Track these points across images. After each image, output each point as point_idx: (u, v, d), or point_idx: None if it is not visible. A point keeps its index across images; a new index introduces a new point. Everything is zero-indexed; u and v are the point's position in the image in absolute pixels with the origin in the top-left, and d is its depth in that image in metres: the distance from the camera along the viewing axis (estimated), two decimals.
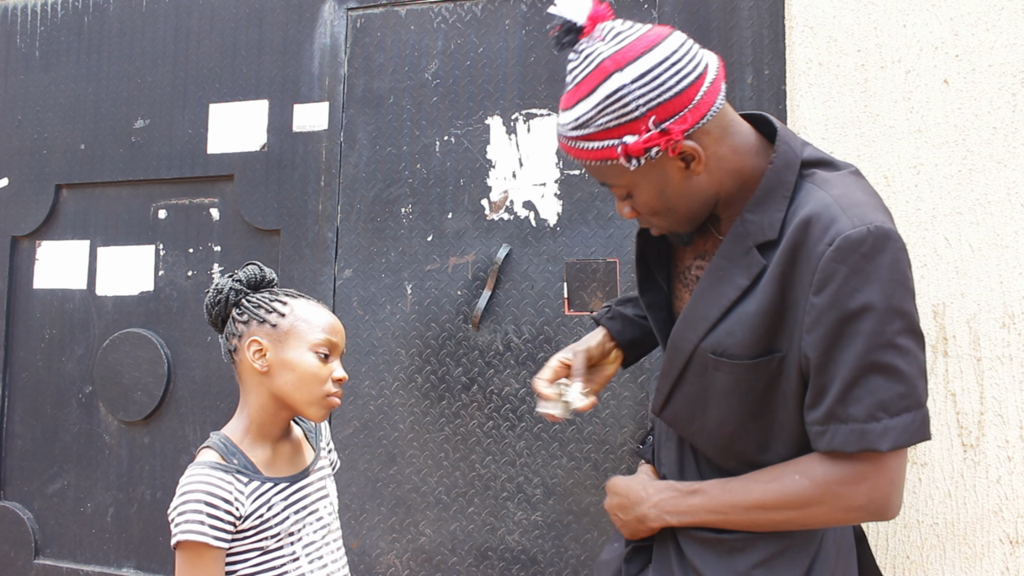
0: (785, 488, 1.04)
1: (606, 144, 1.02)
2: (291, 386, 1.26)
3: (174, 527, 1.21)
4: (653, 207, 1.09)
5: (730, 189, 1.09)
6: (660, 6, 1.87)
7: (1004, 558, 1.47)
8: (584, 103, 1.03)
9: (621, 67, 1.00)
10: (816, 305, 0.99)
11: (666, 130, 1.00)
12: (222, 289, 1.30)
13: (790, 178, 1.05)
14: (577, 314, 1.89)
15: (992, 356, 1.49)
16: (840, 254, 0.97)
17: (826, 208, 1.01)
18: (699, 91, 1.01)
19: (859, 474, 1.01)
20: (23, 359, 2.38)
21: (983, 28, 1.54)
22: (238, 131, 2.19)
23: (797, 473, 1.04)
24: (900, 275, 0.98)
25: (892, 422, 0.98)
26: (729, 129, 1.06)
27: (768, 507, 1.05)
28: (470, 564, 1.92)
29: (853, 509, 1.02)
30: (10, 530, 2.32)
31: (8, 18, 2.46)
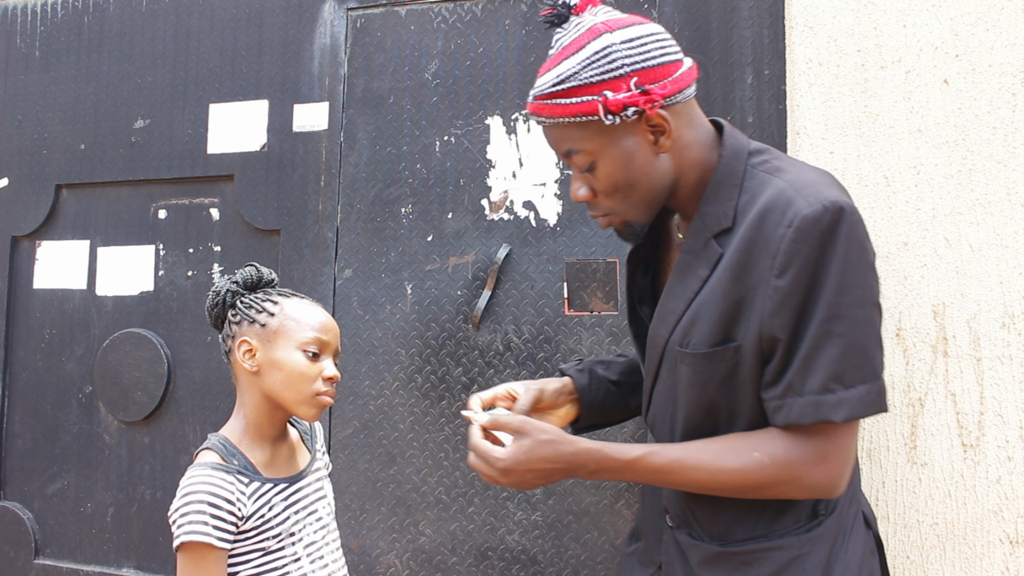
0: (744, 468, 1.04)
1: (585, 99, 1.05)
2: (280, 385, 1.26)
3: (176, 528, 1.20)
4: (615, 181, 1.10)
5: (691, 182, 1.12)
6: (660, 6, 1.87)
7: (1004, 558, 1.47)
8: (570, 60, 1.06)
9: (612, 30, 1.06)
10: (780, 287, 1.00)
11: (647, 91, 1.04)
12: (220, 291, 1.31)
13: (738, 167, 1.09)
14: (577, 314, 1.89)
15: (992, 356, 1.50)
16: (800, 234, 0.99)
17: (781, 194, 1.03)
18: (678, 70, 1.07)
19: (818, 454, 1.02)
20: (23, 359, 2.38)
21: (983, 28, 1.54)
22: (238, 131, 2.20)
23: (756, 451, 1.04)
24: (858, 247, 1.00)
25: (847, 394, 0.99)
26: (695, 121, 1.11)
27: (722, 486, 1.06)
28: (470, 564, 1.92)
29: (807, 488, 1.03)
30: (10, 530, 2.32)
31: (8, 18, 2.46)
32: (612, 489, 1.84)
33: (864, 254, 1.01)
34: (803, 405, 1.01)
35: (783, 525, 1.09)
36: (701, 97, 1.82)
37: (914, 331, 1.54)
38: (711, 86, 1.82)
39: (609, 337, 1.85)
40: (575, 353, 1.88)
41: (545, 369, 1.90)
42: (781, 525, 1.10)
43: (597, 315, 1.87)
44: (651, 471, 1.08)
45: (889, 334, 1.55)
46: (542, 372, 1.90)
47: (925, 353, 1.53)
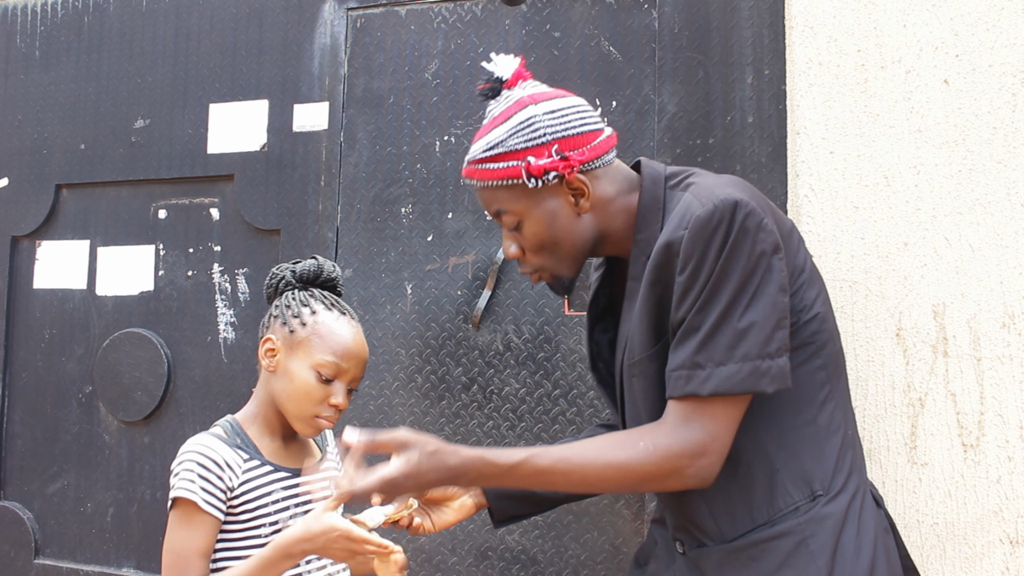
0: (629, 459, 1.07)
1: (511, 164, 1.16)
2: (284, 395, 1.26)
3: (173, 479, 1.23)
4: (540, 239, 1.20)
5: (619, 228, 1.21)
6: (660, 6, 1.87)
7: (1004, 558, 1.47)
8: (498, 129, 1.18)
9: (536, 102, 1.18)
10: (680, 283, 1.08)
11: (566, 157, 1.15)
12: (276, 274, 1.33)
13: (659, 193, 1.19)
14: (577, 314, 1.89)
15: (992, 356, 1.49)
16: (693, 232, 1.07)
17: (684, 202, 1.12)
18: (597, 138, 1.18)
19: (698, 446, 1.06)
20: (23, 359, 2.38)
21: (983, 28, 1.54)
22: (238, 131, 2.19)
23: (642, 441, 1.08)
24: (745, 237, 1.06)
25: (716, 370, 1.05)
26: (617, 178, 1.21)
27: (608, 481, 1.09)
28: (470, 564, 1.92)
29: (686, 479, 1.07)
30: (10, 530, 2.32)
31: (8, 18, 2.46)
32: None
33: (752, 244, 1.06)
34: (675, 379, 1.08)
35: (778, 510, 1.11)
36: (701, 97, 1.82)
37: (914, 331, 1.54)
38: (711, 86, 1.82)
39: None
40: (575, 353, 1.88)
41: (545, 369, 1.90)
42: (776, 510, 1.11)
43: None
44: (535, 474, 1.09)
45: (889, 334, 1.55)
46: (542, 372, 1.90)
47: (925, 353, 1.53)
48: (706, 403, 1.06)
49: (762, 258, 1.06)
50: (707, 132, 1.81)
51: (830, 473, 1.12)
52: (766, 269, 1.07)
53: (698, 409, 1.07)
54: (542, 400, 1.90)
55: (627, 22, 1.90)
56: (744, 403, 1.08)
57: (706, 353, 1.06)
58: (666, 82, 1.85)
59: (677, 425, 1.07)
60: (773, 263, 1.07)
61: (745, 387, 1.05)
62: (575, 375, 1.88)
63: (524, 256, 1.24)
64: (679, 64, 1.85)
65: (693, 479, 1.07)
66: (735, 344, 1.05)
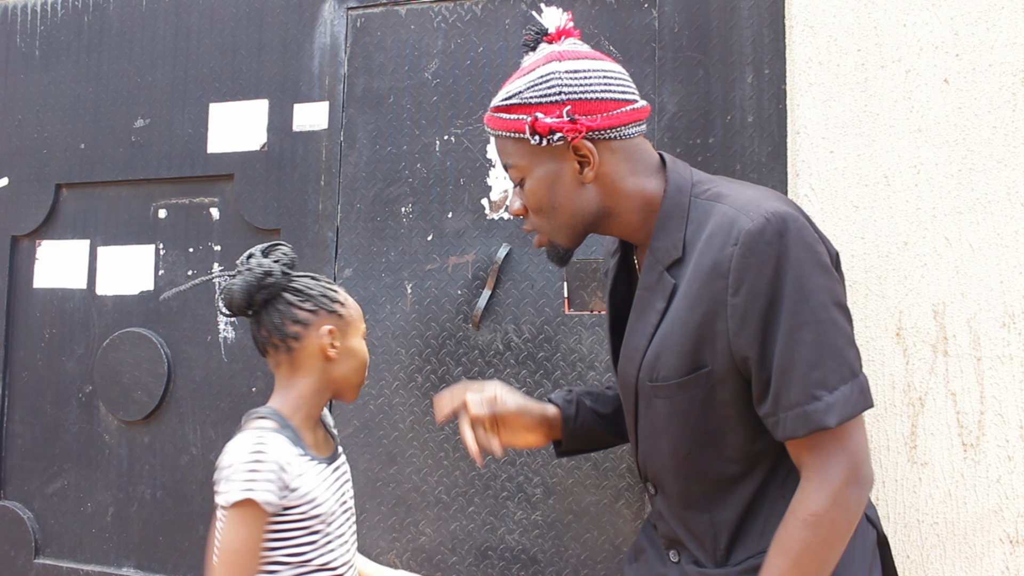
0: (809, 540, 1.02)
1: (520, 117, 1.12)
2: (351, 371, 1.33)
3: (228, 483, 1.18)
4: (539, 201, 1.15)
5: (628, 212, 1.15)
6: (660, 5, 1.87)
7: (1004, 558, 1.47)
8: (520, 80, 1.13)
9: (562, 60, 1.12)
10: (737, 305, 1.02)
11: (575, 120, 1.09)
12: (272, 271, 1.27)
13: (683, 200, 1.12)
14: (577, 314, 1.89)
15: (992, 356, 1.49)
16: (746, 249, 1.01)
17: (723, 216, 1.05)
18: (618, 109, 1.11)
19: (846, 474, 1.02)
20: (23, 359, 2.38)
21: (983, 27, 1.54)
22: (238, 131, 2.19)
23: (798, 519, 1.03)
24: (807, 252, 1.01)
25: (832, 397, 0.99)
26: (635, 157, 1.14)
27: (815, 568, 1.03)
28: (470, 564, 1.92)
29: (857, 502, 1.03)
30: (10, 530, 2.32)
31: (8, 18, 2.46)
32: (612, 489, 1.84)
33: (816, 256, 1.02)
34: (794, 418, 1.01)
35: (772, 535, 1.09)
36: (701, 97, 1.82)
37: (914, 331, 1.54)
38: (711, 86, 1.82)
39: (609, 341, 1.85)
40: (575, 353, 1.88)
41: (545, 369, 1.90)
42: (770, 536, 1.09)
43: (597, 314, 1.87)
44: None
45: (889, 334, 1.55)
46: (542, 372, 1.90)
47: (925, 353, 1.53)
48: (839, 432, 1.01)
49: (828, 271, 1.02)
50: (707, 131, 1.81)
51: None
52: (835, 281, 1.02)
53: (833, 440, 1.02)
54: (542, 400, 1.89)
55: (627, 21, 1.90)
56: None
57: (817, 382, 0.99)
58: (666, 81, 1.85)
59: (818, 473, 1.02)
60: (835, 274, 1.04)
61: (862, 406, 1.01)
62: (575, 375, 1.88)
63: (527, 214, 1.19)
64: (679, 64, 1.85)
65: (863, 495, 1.03)
66: (839, 366, 1.00)
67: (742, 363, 1.05)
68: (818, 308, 1.00)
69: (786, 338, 1.00)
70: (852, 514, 1.03)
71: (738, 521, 1.12)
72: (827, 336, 1.00)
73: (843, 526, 1.03)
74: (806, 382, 1.00)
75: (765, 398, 1.04)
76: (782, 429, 1.03)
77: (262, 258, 1.29)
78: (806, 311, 0.99)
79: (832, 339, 1.00)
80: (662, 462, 1.17)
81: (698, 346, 1.07)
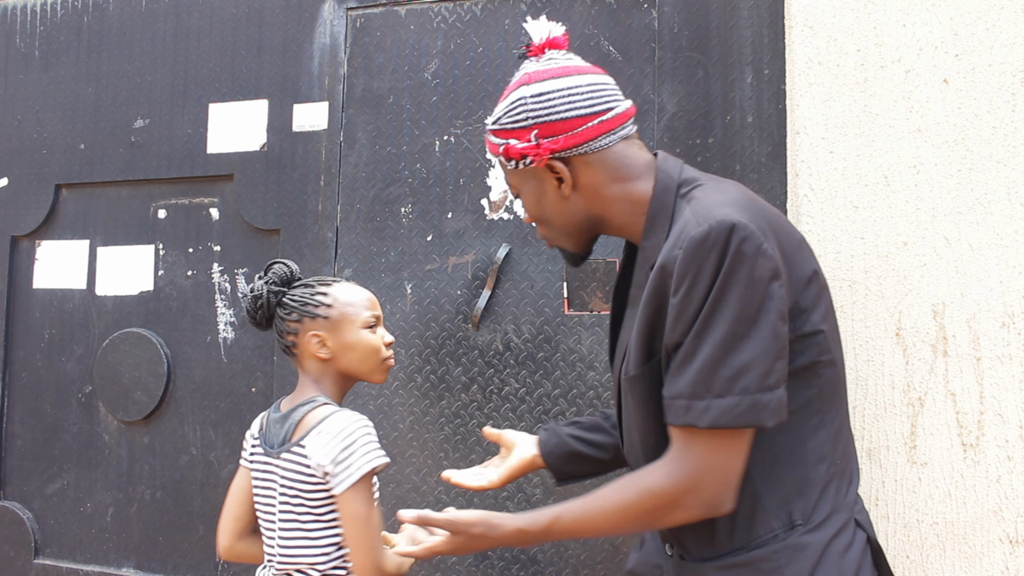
0: (631, 502, 1.09)
1: (499, 141, 1.20)
2: (357, 362, 1.42)
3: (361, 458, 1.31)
4: (534, 213, 1.24)
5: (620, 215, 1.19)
6: (660, 6, 1.87)
7: (1004, 558, 1.47)
8: (500, 104, 1.21)
9: (530, 83, 1.17)
10: (674, 305, 1.06)
11: (539, 144, 1.15)
12: (261, 294, 1.42)
13: (668, 200, 1.15)
14: (577, 314, 1.89)
15: (992, 356, 1.49)
16: (687, 253, 1.04)
17: (682, 219, 1.09)
18: (585, 124, 1.15)
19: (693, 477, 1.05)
20: (23, 359, 2.38)
21: (983, 27, 1.54)
22: (238, 131, 2.19)
23: (638, 484, 1.10)
24: (742, 263, 1.02)
25: (716, 402, 1.02)
26: (616, 163, 1.17)
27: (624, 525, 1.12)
28: (470, 564, 1.92)
29: (691, 509, 1.07)
30: (10, 530, 2.32)
31: (8, 18, 2.46)
32: None
33: (751, 269, 1.02)
34: (676, 407, 1.06)
35: (756, 535, 1.10)
36: (700, 97, 1.82)
37: (914, 331, 1.54)
38: (711, 86, 1.82)
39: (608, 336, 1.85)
40: (575, 353, 1.88)
41: (545, 369, 1.90)
42: (754, 536, 1.10)
43: (597, 315, 1.87)
44: (566, 532, 1.14)
45: (889, 333, 1.55)
46: (541, 372, 1.90)
47: (925, 353, 1.53)
48: (705, 434, 1.04)
49: (759, 285, 1.02)
50: (707, 132, 1.81)
51: (812, 503, 1.10)
52: (764, 297, 1.03)
53: (696, 440, 1.05)
54: (542, 400, 1.90)
55: (627, 22, 1.90)
56: (748, 433, 1.06)
57: (705, 384, 1.03)
58: (666, 82, 1.85)
59: (674, 457, 1.07)
60: (772, 290, 1.03)
61: (744, 421, 1.02)
62: (575, 375, 1.88)
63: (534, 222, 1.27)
64: (679, 64, 1.85)
65: (697, 508, 1.06)
66: (735, 376, 1.02)
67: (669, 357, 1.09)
68: (731, 318, 1.02)
69: (695, 336, 1.04)
70: (671, 516, 1.08)
71: None
72: (730, 345, 1.02)
73: (656, 515, 1.08)
74: (696, 379, 1.03)
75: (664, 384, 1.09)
76: (668, 414, 1.08)
77: (257, 282, 1.44)
78: (719, 318, 1.02)
79: (735, 349, 1.02)
80: (637, 454, 1.20)
81: (651, 339, 1.11)
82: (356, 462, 1.31)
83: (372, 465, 1.32)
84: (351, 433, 1.32)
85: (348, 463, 1.31)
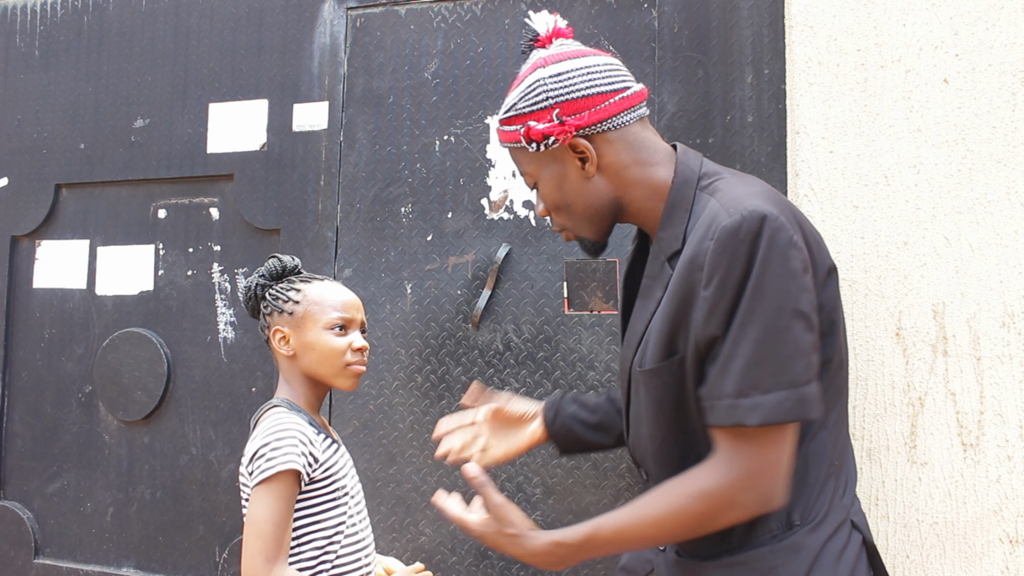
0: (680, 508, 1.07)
1: (516, 127, 1.16)
2: (316, 364, 1.38)
3: (266, 462, 1.26)
4: (554, 201, 1.20)
5: (638, 200, 1.17)
6: (660, 5, 1.87)
7: (1004, 558, 1.47)
8: (514, 92, 1.18)
9: (546, 65, 1.16)
10: (706, 298, 1.04)
11: (563, 122, 1.13)
12: (250, 285, 1.44)
13: (688, 193, 1.14)
14: (577, 313, 1.89)
15: (992, 355, 1.49)
16: (719, 244, 1.03)
17: (710, 211, 1.08)
18: (605, 101, 1.14)
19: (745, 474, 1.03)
20: (23, 359, 2.38)
21: (983, 27, 1.54)
22: (238, 131, 2.19)
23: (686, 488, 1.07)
24: (776, 254, 1.01)
25: (763, 398, 1.01)
26: (636, 144, 1.17)
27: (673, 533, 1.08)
28: (470, 564, 1.92)
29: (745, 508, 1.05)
30: (10, 530, 2.32)
31: (7, 18, 2.46)
32: (612, 489, 1.84)
33: (785, 260, 1.01)
34: (721, 408, 1.04)
35: (755, 536, 1.10)
36: (700, 96, 1.82)
37: (914, 330, 1.54)
38: (711, 86, 1.82)
39: (609, 336, 1.85)
40: (575, 353, 1.88)
41: (545, 369, 1.90)
42: (753, 536, 1.10)
43: (597, 315, 1.87)
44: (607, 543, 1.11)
45: (889, 333, 1.55)
46: (541, 372, 1.90)
47: (925, 352, 1.53)
48: (754, 431, 1.02)
49: (795, 276, 1.02)
50: (707, 131, 1.81)
51: (811, 503, 1.10)
52: (800, 288, 1.02)
53: (745, 438, 1.03)
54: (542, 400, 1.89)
55: (627, 21, 1.90)
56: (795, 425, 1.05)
57: (751, 381, 1.01)
58: (666, 81, 1.85)
59: (724, 457, 1.05)
60: (805, 282, 1.03)
61: (793, 415, 1.01)
62: (575, 375, 1.88)
63: (550, 214, 1.23)
64: (679, 63, 1.85)
65: (753, 506, 1.04)
66: (780, 371, 1.00)
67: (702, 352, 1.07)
68: (771, 310, 1.01)
69: (736, 332, 1.02)
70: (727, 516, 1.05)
71: None
72: (773, 339, 1.01)
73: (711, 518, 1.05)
74: (742, 377, 1.01)
75: (704, 383, 1.07)
76: (711, 415, 1.05)
77: (252, 276, 1.44)
78: (759, 311, 1.01)
79: (778, 344, 1.01)
80: (644, 447, 1.20)
81: (674, 334, 1.09)
82: (262, 464, 1.27)
83: (275, 469, 1.25)
84: (268, 434, 1.28)
85: (258, 464, 1.27)
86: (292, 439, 1.28)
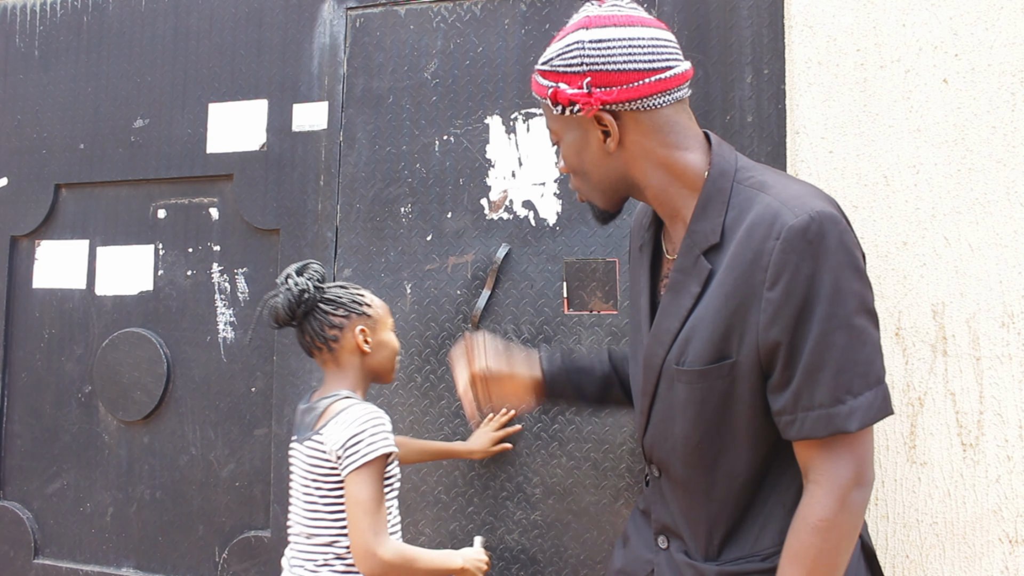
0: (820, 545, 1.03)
1: (547, 83, 1.14)
2: (386, 360, 1.59)
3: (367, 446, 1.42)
4: (572, 163, 1.19)
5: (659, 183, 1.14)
6: (660, 5, 1.87)
7: (1003, 558, 1.47)
8: (555, 44, 1.14)
9: (589, 27, 1.10)
10: (772, 299, 1.01)
11: (591, 92, 1.09)
12: (307, 288, 1.52)
13: (725, 185, 1.11)
14: (576, 313, 1.89)
15: (992, 355, 1.50)
16: (788, 245, 1.00)
17: (767, 208, 1.04)
18: (641, 79, 1.09)
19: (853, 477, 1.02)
20: (23, 359, 2.38)
21: (982, 27, 1.54)
22: (237, 131, 2.19)
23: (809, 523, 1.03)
24: (847, 256, 1.01)
25: (856, 402, 1.00)
26: (666, 128, 1.12)
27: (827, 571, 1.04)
28: None
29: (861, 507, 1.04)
30: (9, 530, 2.32)
31: (7, 17, 2.46)
32: (612, 489, 1.84)
33: (855, 261, 1.01)
34: (815, 419, 1.02)
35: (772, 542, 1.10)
36: (700, 96, 1.82)
37: (914, 330, 1.54)
38: (711, 85, 1.82)
39: (608, 336, 1.85)
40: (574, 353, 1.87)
41: None
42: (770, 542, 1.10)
43: (596, 314, 1.87)
44: None
45: (889, 333, 1.55)
46: None
47: (924, 352, 1.53)
48: (852, 436, 1.02)
49: (862, 276, 1.02)
50: None
51: None
52: (866, 287, 1.02)
53: (843, 443, 1.02)
54: None
55: None
56: None
57: (845, 387, 1.00)
58: None
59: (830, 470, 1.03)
60: (868, 280, 1.04)
61: (884, 412, 1.02)
62: None
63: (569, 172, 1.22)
64: None
65: (867, 494, 1.04)
66: (867, 372, 1.01)
67: (766, 357, 1.04)
68: (851, 313, 1.00)
69: (818, 339, 1.00)
70: (857, 517, 1.04)
71: (735, 519, 1.12)
72: (857, 341, 1.00)
73: (851, 530, 1.03)
74: (834, 385, 1.00)
75: (783, 396, 1.04)
76: (798, 428, 1.03)
77: (297, 277, 1.53)
78: (840, 315, 0.99)
79: (862, 345, 1.00)
80: (672, 446, 1.16)
81: (727, 336, 1.06)
82: (362, 449, 1.41)
83: (377, 453, 1.41)
84: (364, 422, 1.43)
85: (356, 449, 1.41)
86: (384, 426, 1.46)
